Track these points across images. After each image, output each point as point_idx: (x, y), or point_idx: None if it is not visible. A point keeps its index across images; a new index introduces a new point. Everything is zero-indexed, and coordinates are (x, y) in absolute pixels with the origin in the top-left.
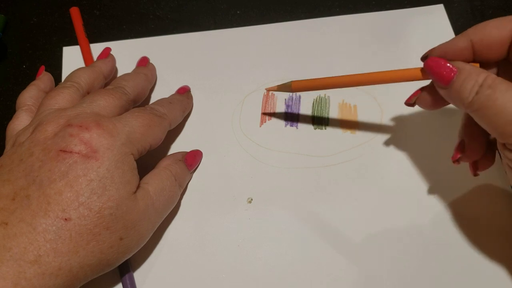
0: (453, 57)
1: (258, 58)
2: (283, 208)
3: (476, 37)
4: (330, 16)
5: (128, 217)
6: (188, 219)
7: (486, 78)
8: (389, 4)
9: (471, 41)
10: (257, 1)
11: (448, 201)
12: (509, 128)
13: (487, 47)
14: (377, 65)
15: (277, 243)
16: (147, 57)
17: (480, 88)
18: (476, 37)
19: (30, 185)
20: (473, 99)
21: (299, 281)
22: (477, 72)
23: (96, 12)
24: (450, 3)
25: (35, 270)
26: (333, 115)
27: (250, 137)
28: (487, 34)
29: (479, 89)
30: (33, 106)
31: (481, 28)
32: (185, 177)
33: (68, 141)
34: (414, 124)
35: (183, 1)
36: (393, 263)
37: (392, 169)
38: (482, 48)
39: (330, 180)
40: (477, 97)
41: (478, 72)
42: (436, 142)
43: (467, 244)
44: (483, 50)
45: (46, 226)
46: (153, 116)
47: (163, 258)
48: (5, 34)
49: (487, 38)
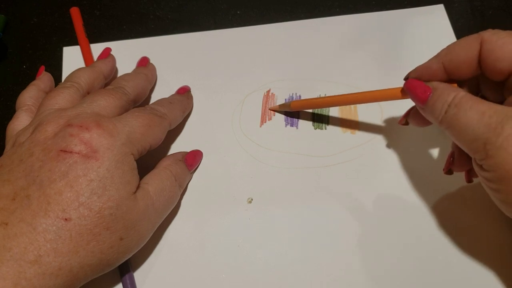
0: (429, 78)
1: (258, 58)
2: (283, 208)
3: (446, 59)
4: (330, 16)
5: (128, 217)
6: (188, 219)
7: (454, 97)
8: (389, 4)
9: (442, 63)
10: (257, 1)
11: (448, 201)
12: (474, 145)
13: (457, 68)
14: (377, 65)
15: (277, 243)
16: (147, 57)
17: (449, 107)
18: (446, 59)
19: (30, 185)
20: (443, 118)
21: (299, 281)
22: (447, 92)
23: (96, 12)
24: (450, 3)
25: (35, 270)
26: (333, 115)
27: (250, 137)
28: (455, 56)
29: (448, 108)
30: (33, 106)
31: (450, 50)
32: (185, 177)
33: (68, 141)
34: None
35: (183, 1)
36: (393, 263)
37: (392, 169)
38: (452, 69)
39: (330, 180)
40: (445, 116)
41: (449, 92)
42: (436, 142)
43: (467, 244)
44: (454, 70)
45: (46, 226)
46: (153, 116)
47: (163, 258)
48: (5, 34)
49: (456, 59)
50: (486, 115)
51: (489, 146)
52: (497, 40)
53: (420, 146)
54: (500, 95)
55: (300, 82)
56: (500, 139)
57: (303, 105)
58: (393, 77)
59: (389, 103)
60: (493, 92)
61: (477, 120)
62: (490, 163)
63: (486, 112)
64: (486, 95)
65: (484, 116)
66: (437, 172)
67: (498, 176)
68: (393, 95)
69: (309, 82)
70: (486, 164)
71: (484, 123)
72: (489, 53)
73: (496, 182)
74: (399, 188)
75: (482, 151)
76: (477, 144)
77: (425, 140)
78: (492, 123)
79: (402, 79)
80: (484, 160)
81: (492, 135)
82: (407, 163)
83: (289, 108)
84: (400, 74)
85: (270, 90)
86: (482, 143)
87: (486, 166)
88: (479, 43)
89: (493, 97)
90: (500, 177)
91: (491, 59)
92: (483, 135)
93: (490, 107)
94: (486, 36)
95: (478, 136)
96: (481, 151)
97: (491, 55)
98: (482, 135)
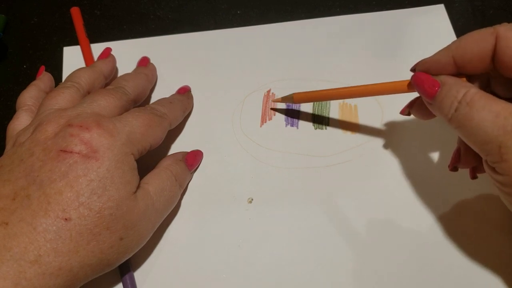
0: (437, 72)
1: (258, 58)
2: (283, 208)
3: (457, 53)
4: (330, 16)
5: (128, 217)
6: (188, 219)
7: (465, 94)
8: (389, 4)
9: (453, 57)
10: (257, 1)
11: (449, 201)
12: (487, 147)
13: (469, 62)
14: (377, 65)
15: (277, 243)
16: (147, 57)
17: (459, 104)
18: (457, 53)
19: (31, 185)
20: (452, 116)
21: (299, 281)
22: (457, 88)
23: (97, 12)
24: (451, 3)
25: (36, 270)
26: (333, 115)
27: (250, 137)
28: (468, 50)
29: (458, 105)
30: (33, 106)
31: (462, 43)
32: (186, 177)
33: (68, 141)
34: (415, 124)
35: (183, 1)
36: (393, 263)
37: (392, 169)
38: (464, 64)
39: (330, 180)
40: (456, 114)
41: (458, 88)
42: (437, 142)
43: (466, 244)
44: (465, 65)
45: (46, 226)
46: (153, 116)
47: (163, 258)
48: (5, 34)
49: (468, 54)
50: (501, 116)
51: (504, 150)
52: None
53: (421, 146)
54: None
55: (300, 82)
56: None
57: (306, 98)
58: (394, 77)
59: (390, 103)
60: (505, 88)
61: (490, 121)
62: (504, 167)
63: (501, 113)
64: (496, 90)
65: (499, 118)
66: (438, 172)
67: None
68: (399, 88)
69: (309, 82)
70: (500, 168)
71: (499, 125)
72: (505, 49)
73: (510, 186)
74: (399, 188)
75: (496, 154)
76: (490, 147)
77: (426, 140)
78: (508, 125)
79: (402, 78)
80: (498, 163)
81: (508, 139)
82: (408, 163)
83: (291, 101)
84: (401, 74)
85: (270, 90)
86: (496, 146)
87: (500, 170)
88: (494, 37)
89: (504, 93)
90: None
91: (507, 56)
92: (498, 138)
93: (505, 108)
94: (502, 31)
95: (491, 138)
96: (494, 154)
97: (507, 51)
98: (496, 138)
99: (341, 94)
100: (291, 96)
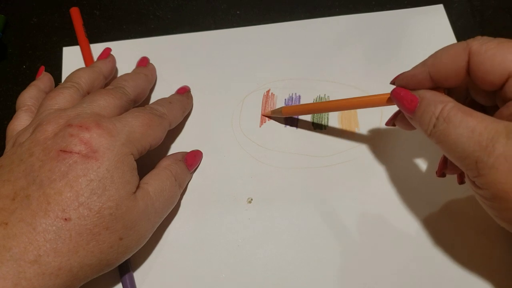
0: (416, 86)
1: (258, 58)
2: (283, 208)
3: (433, 70)
4: (330, 16)
5: (128, 217)
6: (188, 219)
7: (442, 110)
8: (389, 4)
9: (429, 72)
10: (257, 1)
11: (448, 201)
12: (465, 162)
13: (444, 78)
14: (377, 65)
15: (277, 243)
16: (147, 57)
17: (437, 120)
18: (432, 70)
19: (30, 185)
20: (431, 132)
21: (299, 281)
22: (434, 103)
23: (96, 12)
24: (450, 3)
25: (35, 270)
26: (333, 115)
27: (250, 137)
28: (443, 67)
29: (436, 121)
30: (33, 106)
31: (437, 61)
32: (185, 177)
33: (68, 141)
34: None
35: (183, 1)
36: (392, 263)
37: (391, 170)
38: (440, 79)
39: (329, 180)
40: (434, 130)
41: (436, 103)
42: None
43: (466, 245)
44: (441, 80)
45: (46, 226)
46: (153, 116)
47: (163, 258)
48: (5, 34)
49: (443, 70)
50: (477, 131)
51: (481, 165)
52: (486, 52)
53: (420, 147)
54: (491, 99)
55: (300, 82)
56: (491, 159)
57: (294, 111)
58: (393, 77)
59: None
60: (484, 97)
61: (467, 137)
62: (483, 182)
63: (477, 128)
64: (476, 99)
65: (474, 133)
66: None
67: (491, 194)
68: (380, 102)
69: (309, 82)
70: (478, 182)
71: (475, 140)
72: (478, 65)
73: (490, 199)
74: (398, 188)
75: (474, 169)
76: (468, 162)
77: (425, 141)
78: (483, 141)
79: None
80: (477, 177)
81: (483, 154)
82: (407, 163)
83: (280, 114)
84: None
85: (270, 90)
86: (473, 161)
87: (479, 184)
88: (467, 53)
89: (485, 101)
90: (493, 195)
91: (481, 71)
92: (474, 153)
93: (480, 122)
94: (475, 47)
95: (468, 154)
96: (473, 169)
97: (480, 67)
98: (472, 153)
99: (325, 107)
100: (280, 109)
